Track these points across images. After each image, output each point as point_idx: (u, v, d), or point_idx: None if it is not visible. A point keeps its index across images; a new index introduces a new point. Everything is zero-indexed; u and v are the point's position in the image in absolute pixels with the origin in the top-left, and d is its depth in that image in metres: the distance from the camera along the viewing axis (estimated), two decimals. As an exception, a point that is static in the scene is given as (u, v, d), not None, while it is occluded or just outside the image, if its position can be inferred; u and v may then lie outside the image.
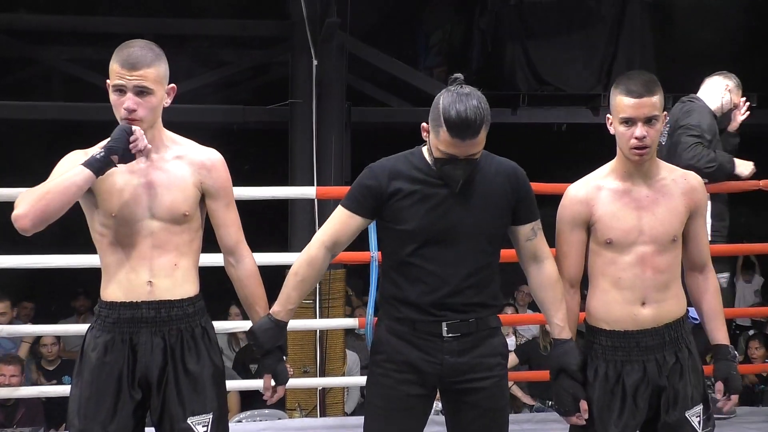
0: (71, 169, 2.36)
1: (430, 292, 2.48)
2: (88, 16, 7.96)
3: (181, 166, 2.53)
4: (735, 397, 2.72)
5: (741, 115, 4.47)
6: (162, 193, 2.48)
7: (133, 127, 2.39)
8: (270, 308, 2.61)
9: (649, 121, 2.57)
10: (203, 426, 2.46)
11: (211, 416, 2.48)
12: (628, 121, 2.57)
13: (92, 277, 2.93)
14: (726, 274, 4.51)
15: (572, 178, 2.78)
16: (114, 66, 2.42)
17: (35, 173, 2.42)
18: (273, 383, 2.61)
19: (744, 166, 4.31)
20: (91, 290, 7.37)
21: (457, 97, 2.39)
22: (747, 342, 6.93)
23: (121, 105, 2.41)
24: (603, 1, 7.84)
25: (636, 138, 2.56)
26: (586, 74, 7.82)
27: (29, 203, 2.32)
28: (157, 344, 2.46)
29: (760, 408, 4.39)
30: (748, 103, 4.50)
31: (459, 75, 2.47)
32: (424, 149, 2.54)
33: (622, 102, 2.57)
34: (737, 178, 4.30)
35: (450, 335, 2.50)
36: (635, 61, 7.56)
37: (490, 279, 2.55)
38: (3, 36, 7.66)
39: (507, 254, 2.67)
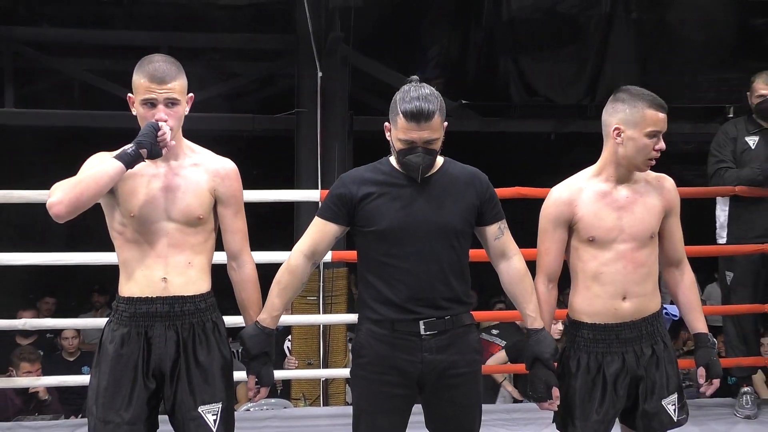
0: (102, 163, 2.38)
1: (405, 288, 2.51)
2: (107, 29, 7.97)
3: (198, 172, 2.55)
4: (716, 382, 2.74)
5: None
6: (179, 197, 2.50)
7: (160, 123, 2.42)
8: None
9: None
10: (213, 414, 2.49)
11: (220, 405, 2.51)
12: (656, 134, 2.61)
13: (108, 275, 2.94)
14: None
15: (560, 182, 2.79)
16: (141, 81, 2.44)
17: (55, 177, 2.43)
18: (257, 384, 2.62)
19: None
20: (107, 287, 7.38)
21: (412, 88, 2.47)
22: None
23: (152, 117, 2.43)
24: (591, 18, 7.84)
25: (657, 150, 2.62)
26: (574, 86, 7.82)
27: (64, 191, 2.33)
28: (171, 337, 2.48)
29: (731, 399, 4.40)
30: None
31: (415, 76, 2.54)
32: (391, 158, 2.58)
33: (655, 116, 2.60)
34: None
35: (428, 333, 2.52)
36: (621, 75, 7.56)
37: (461, 276, 2.57)
38: (27, 48, 7.67)
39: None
